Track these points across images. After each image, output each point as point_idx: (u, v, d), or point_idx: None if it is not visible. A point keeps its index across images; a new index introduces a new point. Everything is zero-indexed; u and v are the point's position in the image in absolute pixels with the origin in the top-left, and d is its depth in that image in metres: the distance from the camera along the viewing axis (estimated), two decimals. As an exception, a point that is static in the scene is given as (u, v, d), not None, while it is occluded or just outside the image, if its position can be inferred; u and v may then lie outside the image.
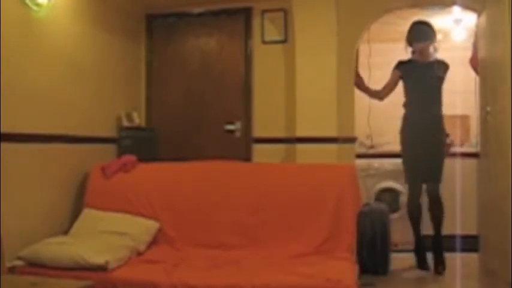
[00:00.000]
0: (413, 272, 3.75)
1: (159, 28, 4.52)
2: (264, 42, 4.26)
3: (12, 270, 2.64)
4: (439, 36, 5.52)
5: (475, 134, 4.83)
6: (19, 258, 2.74)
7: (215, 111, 4.37)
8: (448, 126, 5.67)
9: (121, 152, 3.86)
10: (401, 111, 4.04)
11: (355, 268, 2.92)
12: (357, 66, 4.21)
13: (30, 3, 3.02)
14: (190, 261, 2.88)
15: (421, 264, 3.89)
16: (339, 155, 3.82)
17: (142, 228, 3.18)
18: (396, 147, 4.14)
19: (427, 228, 3.91)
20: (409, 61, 4.05)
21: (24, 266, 2.71)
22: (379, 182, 4.66)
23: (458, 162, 4.66)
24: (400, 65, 4.06)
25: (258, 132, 4.27)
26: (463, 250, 4.12)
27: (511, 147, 3.10)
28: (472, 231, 4.18)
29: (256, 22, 4.28)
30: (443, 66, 4.05)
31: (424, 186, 3.95)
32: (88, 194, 3.41)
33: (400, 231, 4.20)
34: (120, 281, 2.59)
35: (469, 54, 4.51)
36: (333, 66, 3.83)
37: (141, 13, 4.48)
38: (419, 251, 3.96)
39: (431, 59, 4.04)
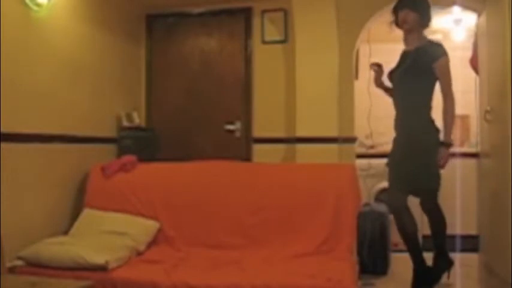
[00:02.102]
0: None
1: (159, 28, 4.52)
2: (264, 42, 4.27)
3: (12, 270, 2.64)
4: (438, 36, 5.55)
5: (475, 134, 4.83)
6: (19, 258, 2.74)
7: (215, 111, 4.37)
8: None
9: (121, 152, 3.86)
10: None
11: (356, 268, 2.92)
12: (357, 67, 4.20)
13: (30, 3, 3.02)
14: (190, 261, 2.88)
15: None
16: (339, 155, 3.82)
17: (142, 228, 3.18)
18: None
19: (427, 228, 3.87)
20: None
21: (24, 266, 2.71)
22: (379, 182, 4.65)
23: (458, 162, 4.66)
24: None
25: (258, 132, 4.27)
26: (463, 250, 4.12)
27: (511, 147, 3.10)
28: (472, 231, 4.18)
29: (256, 22, 4.29)
30: (434, 51, 3.22)
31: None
32: (88, 194, 3.41)
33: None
34: (120, 281, 2.59)
35: (469, 54, 4.51)
36: (333, 66, 3.83)
37: (141, 13, 4.48)
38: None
39: (419, 43, 3.27)
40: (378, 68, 3.50)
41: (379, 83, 3.55)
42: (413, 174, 3.22)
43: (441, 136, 3.27)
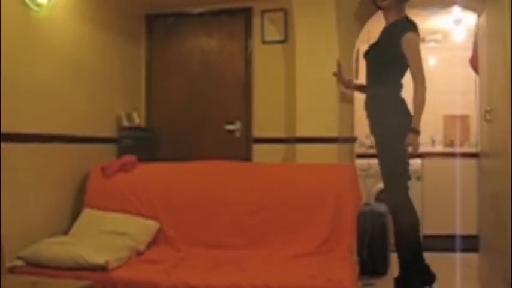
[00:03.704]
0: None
1: (159, 28, 4.52)
2: (264, 42, 4.26)
3: (12, 270, 2.64)
4: (438, 36, 5.56)
5: (475, 134, 4.83)
6: (19, 258, 2.74)
7: (215, 111, 4.37)
8: (448, 126, 5.71)
9: (121, 152, 3.86)
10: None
11: (356, 268, 2.92)
12: (357, 67, 4.20)
13: (30, 3, 3.02)
14: (190, 261, 2.89)
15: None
16: (339, 155, 3.82)
17: (142, 228, 3.18)
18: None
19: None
20: None
21: (24, 266, 2.71)
22: (379, 182, 4.65)
23: (458, 162, 4.66)
24: None
25: (258, 132, 4.27)
26: (463, 250, 4.12)
27: (511, 147, 3.10)
28: (472, 231, 4.18)
29: (256, 22, 4.28)
30: (403, 26, 3.09)
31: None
32: (88, 194, 3.41)
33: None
34: (120, 281, 2.59)
35: (469, 54, 4.51)
36: (332, 66, 3.82)
37: (141, 13, 4.48)
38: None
39: (395, 18, 3.19)
40: (338, 68, 3.68)
41: (343, 82, 3.72)
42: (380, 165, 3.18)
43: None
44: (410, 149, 3.05)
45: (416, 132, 3.05)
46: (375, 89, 3.25)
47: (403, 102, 3.16)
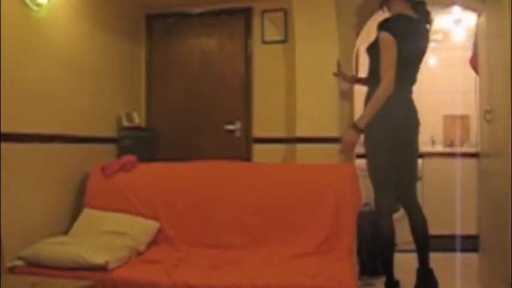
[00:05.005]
0: (413, 272, 3.74)
1: (159, 28, 4.52)
2: (264, 42, 4.26)
3: (12, 270, 2.64)
4: (439, 36, 5.56)
5: (475, 134, 4.83)
6: (19, 258, 2.74)
7: (215, 111, 4.37)
8: (448, 126, 5.72)
9: (121, 152, 3.86)
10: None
11: (355, 268, 2.92)
12: (357, 66, 4.20)
13: (30, 3, 3.02)
14: (190, 261, 2.89)
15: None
16: (339, 155, 3.82)
17: (142, 228, 3.18)
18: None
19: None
20: None
21: (24, 266, 2.71)
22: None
23: (458, 162, 4.67)
24: None
25: (258, 132, 4.27)
26: (463, 250, 4.12)
27: (511, 147, 3.10)
28: (472, 231, 4.18)
29: (256, 22, 4.29)
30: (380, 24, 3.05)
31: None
32: (88, 194, 3.41)
33: (400, 231, 4.20)
34: (120, 281, 2.59)
35: (469, 54, 4.51)
36: (333, 66, 3.82)
37: (141, 13, 4.48)
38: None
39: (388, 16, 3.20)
40: (338, 67, 3.71)
41: (346, 78, 3.73)
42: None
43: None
44: (342, 144, 3.09)
45: (357, 129, 2.96)
46: (372, 86, 3.17)
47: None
